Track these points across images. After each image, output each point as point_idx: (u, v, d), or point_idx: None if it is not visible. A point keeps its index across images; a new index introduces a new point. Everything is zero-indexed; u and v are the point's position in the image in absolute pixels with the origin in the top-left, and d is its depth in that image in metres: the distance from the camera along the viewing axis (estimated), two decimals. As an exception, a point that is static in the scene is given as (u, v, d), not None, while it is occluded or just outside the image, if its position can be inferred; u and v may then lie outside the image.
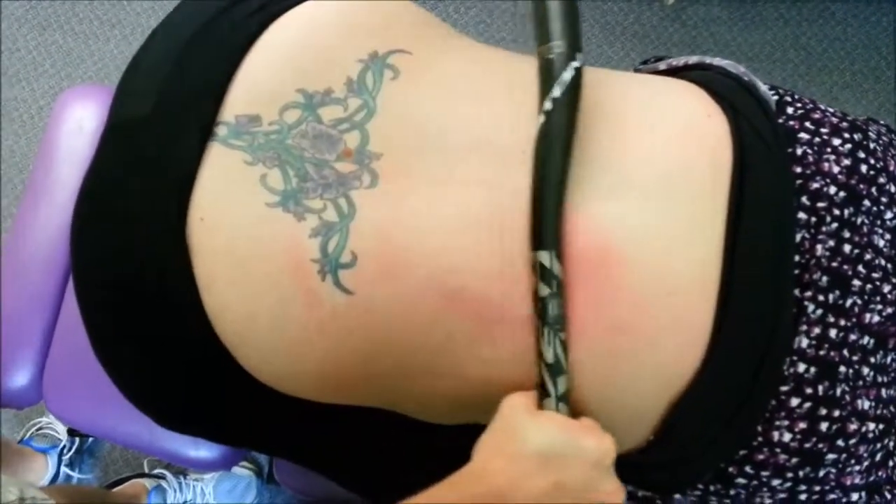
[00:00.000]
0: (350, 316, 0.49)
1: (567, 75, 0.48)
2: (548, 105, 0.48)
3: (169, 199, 0.49)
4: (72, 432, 1.37)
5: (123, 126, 0.54)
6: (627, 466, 0.54)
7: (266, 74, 0.52)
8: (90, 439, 1.41)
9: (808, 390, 0.52)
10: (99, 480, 1.43)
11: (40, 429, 1.38)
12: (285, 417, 0.55)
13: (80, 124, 1.10)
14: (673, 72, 0.63)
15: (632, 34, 1.76)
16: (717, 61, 0.60)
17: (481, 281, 0.49)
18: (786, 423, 0.52)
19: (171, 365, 0.53)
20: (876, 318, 0.54)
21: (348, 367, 0.50)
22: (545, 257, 0.47)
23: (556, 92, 0.48)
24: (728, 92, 0.56)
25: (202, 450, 1.04)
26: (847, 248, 0.53)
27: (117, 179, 0.52)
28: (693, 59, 0.62)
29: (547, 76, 0.49)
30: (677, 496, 0.60)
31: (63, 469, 1.35)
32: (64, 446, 1.36)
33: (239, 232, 0.49)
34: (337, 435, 0.58)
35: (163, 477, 1.32)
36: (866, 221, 0.55)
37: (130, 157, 0.52)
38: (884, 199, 0.56)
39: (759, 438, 0.53)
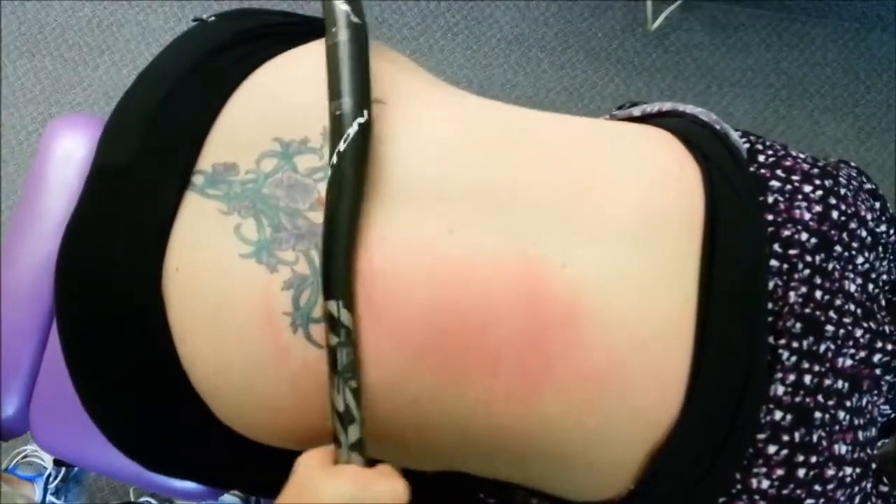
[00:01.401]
0: (321, 370, 0.48)
1: (352, 130, 0.50)
2: (335, 159, 0.49)
3: (146, 249, 0.50)
4: (57, 461, 1.36)
5: (106, 172, 0.54)
6: None
7: (244, 123, 0.53)
8: (76, 468, 1.40)
9: (785, 437, 0.53)
10: (85, 509, 1.42)
11: (25, 457, 1.37)
12: (265, 462, 0.55)
13: (68, 154, 1.10)
14: (647, 118, 0.64)
15: (615, 60, 1.78)
16: (690, 109, 0.61)
17: (448, 334, 0.49)
18: (763, 470, 0.53)
19: (150, 412, 0.53)
20: (849, 363, 0.55)
21: (321, 420, 0.50)
22: (333, 306, 0.47)
23: (342, 146, 0.49)
24: (700, 140, 0.57)
25: (188, 480, 1.04)
26: (819, 294, 0.54)
27: (98, 226, 0.53)
28: (667, 106, 0.63)
29: (335, 131, 0.50)
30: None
31: (49, 498, 1.34)
32: (49, 474, 1.35)
33: (212, 283, 0.49)
34: None
35: (149, 506, 1.32)
36: (837, 267, 0.55)
37: (111, 205, 0.53)
38: (855, 245, 0.57)
39: (738, 486, 0.53)
